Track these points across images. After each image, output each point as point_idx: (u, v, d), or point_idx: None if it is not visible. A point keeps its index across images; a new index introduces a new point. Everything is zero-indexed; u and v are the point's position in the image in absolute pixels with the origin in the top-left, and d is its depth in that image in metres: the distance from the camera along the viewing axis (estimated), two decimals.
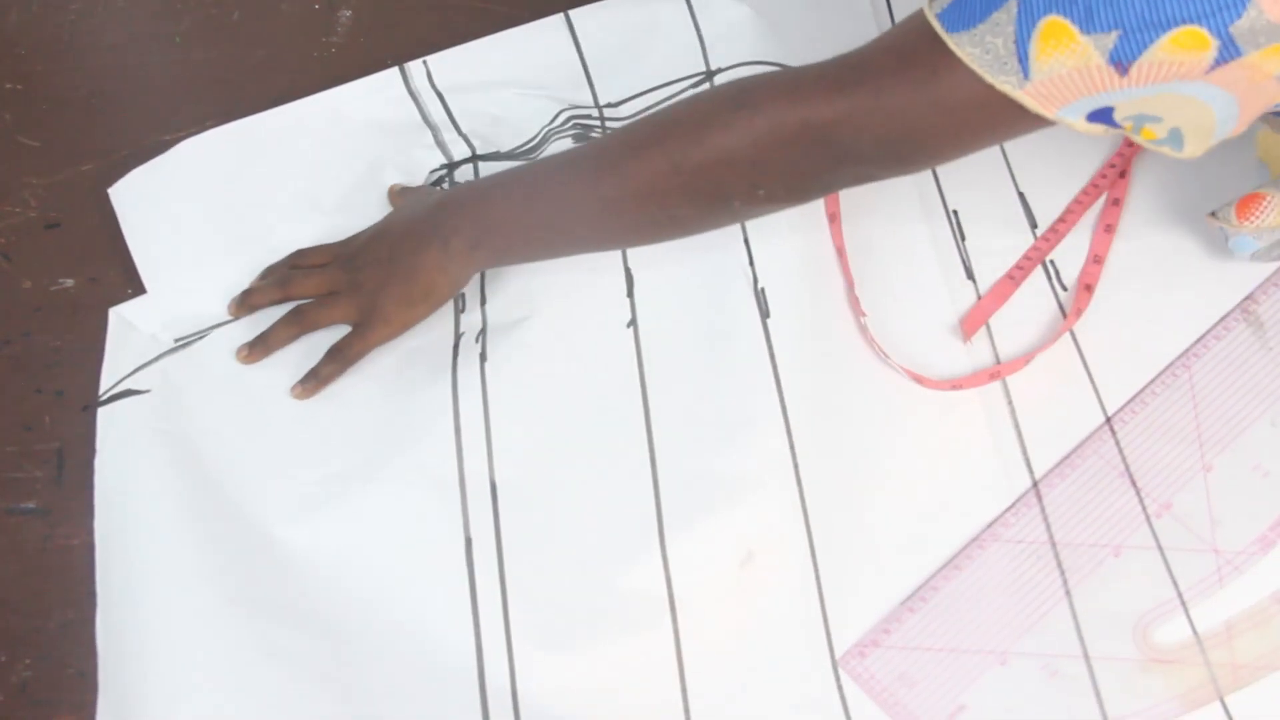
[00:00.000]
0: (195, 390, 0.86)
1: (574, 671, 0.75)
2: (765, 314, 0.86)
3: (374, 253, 0.86)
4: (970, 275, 0.90)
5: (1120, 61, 0.62)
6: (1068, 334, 0.87)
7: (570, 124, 0.99)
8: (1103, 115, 0.66)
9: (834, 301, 0.89)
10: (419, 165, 0.97)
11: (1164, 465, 0.82)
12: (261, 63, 1.06)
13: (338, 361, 0.85)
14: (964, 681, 0.75)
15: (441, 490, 0.81)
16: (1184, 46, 0.60)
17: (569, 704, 0.75)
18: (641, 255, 0.92)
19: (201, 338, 0.89)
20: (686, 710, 0.75)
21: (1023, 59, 0.64)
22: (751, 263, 0.90)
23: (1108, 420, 0.84)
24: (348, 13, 1.09)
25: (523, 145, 0.98)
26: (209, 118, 1.01)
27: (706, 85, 1.00)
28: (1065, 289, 0.89)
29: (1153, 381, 0.85)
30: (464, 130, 0.98)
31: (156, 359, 0.88)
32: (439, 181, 0.96)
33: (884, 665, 0.76)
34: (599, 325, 0.88)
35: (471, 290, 0.91)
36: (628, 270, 0.91)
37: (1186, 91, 0.63)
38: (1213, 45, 0.60)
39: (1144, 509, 0.80)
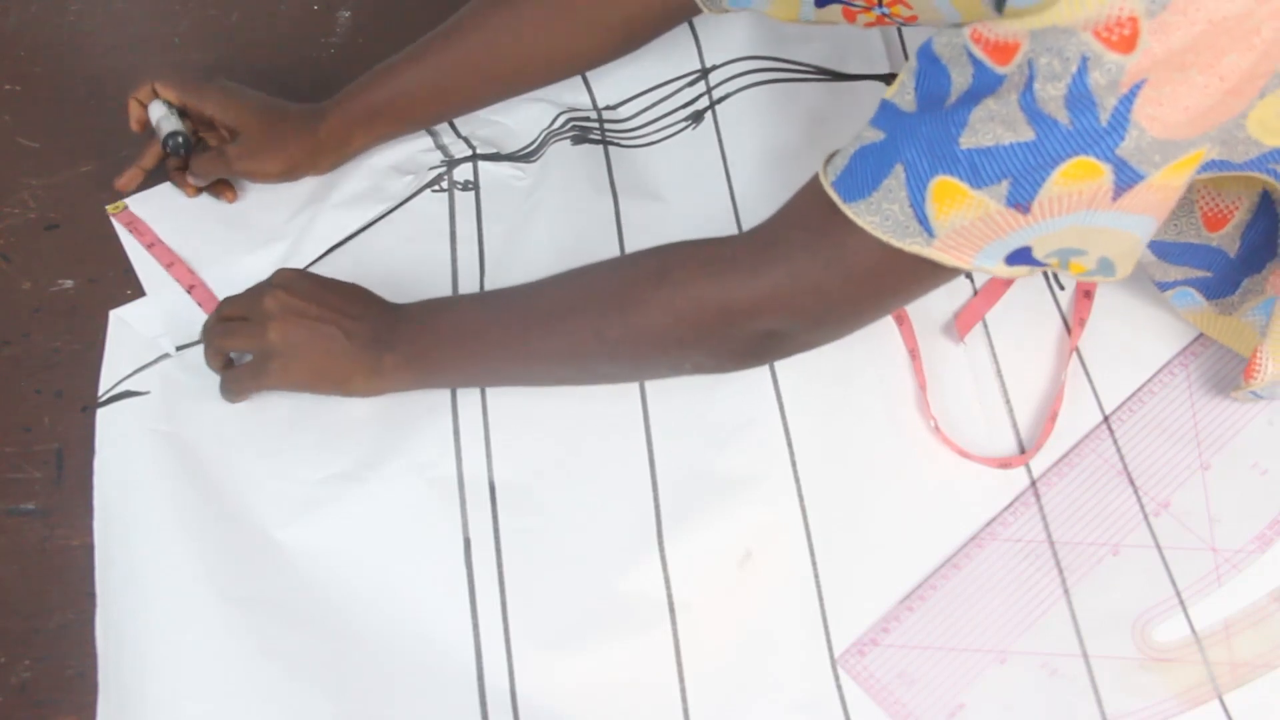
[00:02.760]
0: (195, 392, 0.86)
1: (573, 672, 0.75)
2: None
3: (304, 306, 0.81)
4: (969, 274, 0.90)
5: (1020, 203, 0.61)
6: (1066, 332, 0.87)
7: (569, 126, 0.99)
8: (1022, 256, 0.65)
9: None
10: (419, 165, 0.97)
11: (1162, 464, 0.82)
12: (260, 63, 1.06)
13: (230, 393, 0.84)
14: (963, 680, 0.75)
15: (440, 491, 0.81)
16: (1078, 177, 0.60)
17: (568, 704, 0.75)
18: None
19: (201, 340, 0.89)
20: (686, 710, 0.75)
21: (922, 220, 0.64)
22: None
23: (1106, 419, 0.84)
24: (346, 13, 1.09)
25: (523, 148, 0.98)
26: None
27: (702, 83, 1.00)
28: (1063, 288, 0.89)
29: (1150, 380, 0.85)
30: (463, 134, 0.98)
31: (156, 361, 0.88)
32: (438, 180, 0.96)
33: (883, 664, 0.76)
34: None
35: (470, 290, 0.91)
36: None
37: (1101, 222, 0.63)
38: (1106, 170, 0.59)
39: (1142, 508, 0.80)
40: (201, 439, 0.84)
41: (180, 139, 0.91)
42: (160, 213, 0.95)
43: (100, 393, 0.87)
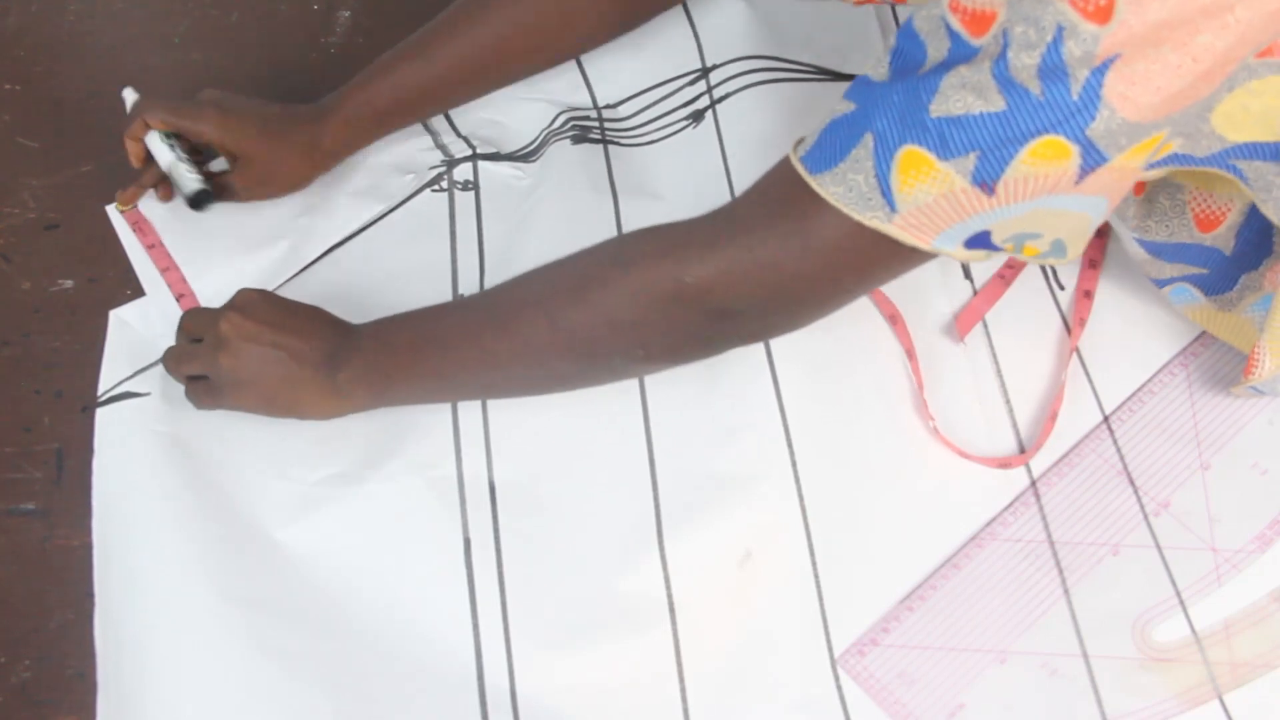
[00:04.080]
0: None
1: (573, 671, 0.76)
2: None
3: (256, 331, 0.80)
4: (968, 274, 0.90)
5: (985, 182, 0.61)
6: (1065, 331, 0.87)
7: (569, 125, 0.99)
8: (980, 240, 0.65)
9: None
10: (419, 165, 0.97)
11: (1162, 464, 0.82)
12: (260, 63, 1.06)
13: (195, 405, 0.84)
14: (963, 680, 0.75)
15: (440, 491, 0.81)
16: (1045, 157, 0.59)
17: (568, 704, 0.75)
18: None
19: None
20: (685, 710, 0.75)
21: (886, 192, 0.63)
22: None
23: (1105, 419, 0.84)
24: (346, 13, 1.09)
25: (523, 148, 0.98)
26: None
27: (703, 82, 1.00)
28: (1063, 288, 0.89)
29: (1151, 380, 0.85)
30: (463, 133, 0.98)
31: (156, 362, 0.88)
32: (438, 180, 0.96)
33: (883, 664, 0.76)
34: None
35: (470, 290, 0.91)
36: None
37: (1059, 205, 0.62)
38: (1074, 152, 0.59)
39: (1142, 508, 0.80)
40: (201, 440, 0.84)
41: (206, 194, 0.90)
42: (168, 211, 0.95)
43: (100, 393, 0.87)
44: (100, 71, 1.06)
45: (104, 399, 0.87)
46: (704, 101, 1.00)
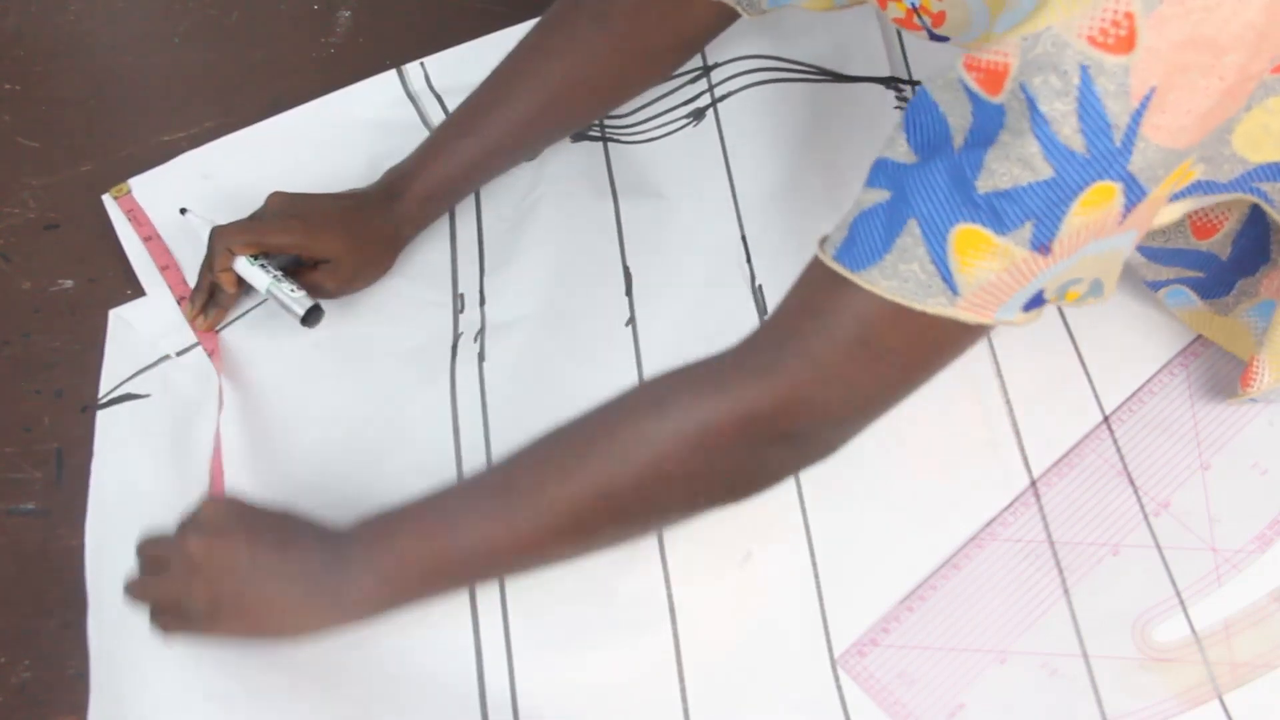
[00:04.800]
0: (195, 395, 0.86)
1: (573, 673, 0.75)
2: (763, 311, 0.86)
3: (227, 580, 0.70)
4: None
5: (1043, 244, 0.59)
6: (1066, 332, 0.87)
7: None
8: (1036, 300, 0.63)
9: None
10: None
11: (1162, 464, 0.82)
12: (260, 63, 1.06)
13: (159, 635, 0.73)
14: (963, 680, 0.75)
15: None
16: (1095, 204, 0.58)
17: (568, 705, 0.75)
18: (640, 254, 0.92)
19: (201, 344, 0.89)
20: (686, 710, 0.75)
21: (946, 277, 0.60)
22: (749, 259, 0.90)
23: (1105, 419, 0.84)
24: (346, 13, 1.09)
25: None
26: (208, 118, 1.01)
27: (704, 80, 1.00)
28: None
29: (1150, 380, 0.85)
30: None
31: (156, 363, 0.88)
32: None
33: (883, 664, 0.76)
34: (597, 324, 0.89)
35: (470, 290, 0.91)
36: (626, 269, 0.91)
37: (1103, 248, 0.61)
38: (1118, 190, 0.58)
39: (1142, 507, 0.80)
40: (200, 442, 0.84)
41: (318, 309, 0.86)
42: (166, 200, 0.94)
43: (100, 394, 0.87)
44: (100, 71, 1.06)
45: (104, 401, 0.87)
46: (705, 100, 1.00)
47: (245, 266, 0.86)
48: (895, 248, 0.60)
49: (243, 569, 0.70)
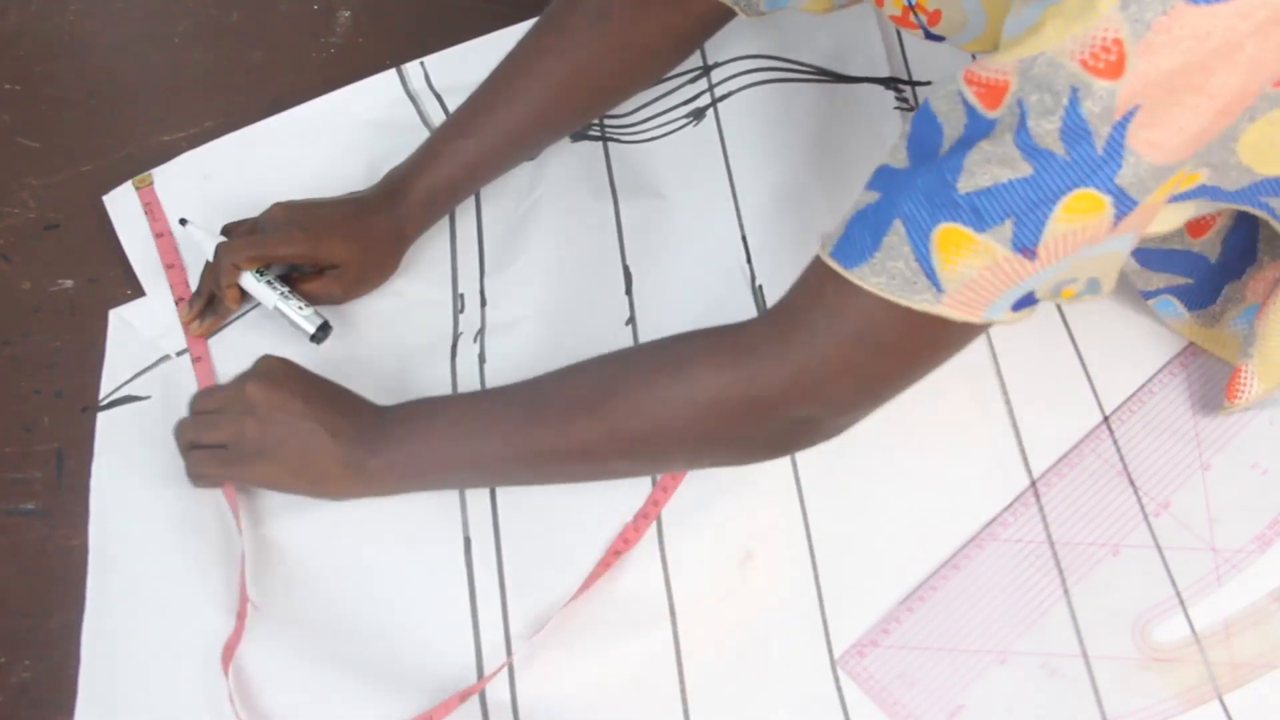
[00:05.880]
0: None
1: (573, 672, 0.75)
2: (763, 310, 0.86)
3: (283, 401, 0.78)
4: None
5: (1026, 248, 0.60)
6: (1066, 332, 0.87)
7: None
8: (1027, 300, 0.64)
9: None
10: None
11: (1162, 464, 0.82)
12: (260, 63, 1.06)
13: (196, 479, 0.80)
14: (963, 681, 0.75)
15: (441, 491, 0.81)
16: (1080, 211, 0.59)
17: (568, 705, 0.75)
18: (640, 253, 0.92)
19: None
20: (686, 710, 0.75)
21: (930, 274, 0.62)
22: (749, 259, 0.90)
23: (1105, 419, 0.84)
24: (346, 13, 1.09)
25: None
26: (208, 118, 1.01)
27: (704, 80, 1.00)
28: None
29: (1150, 380, 0.85)
30: None
31: (157, 363, 0.88)
32: None
33: (883, 665, 0.76)
34: (598, 323, 0.89)
35: (471, 291, 0.91)
36: (626, 268, 0.91)
37: (1096, 251, 0.62)
38: (1107, 202, 0.58)
39: (1142, 508, 0.80)
40: None
41: (327, 327, 0.87)
42: (184, 193, 0.95)
43: (101, 396, 0.87)
44: (100, 71, 1.06)
45: (105, 403, 0.87)
46: (705, 100, 1.00)
47: (252, 283, 0.86)
48: (883, 246, 0.63)
49: (295, 417, 0.77)
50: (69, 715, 0.76)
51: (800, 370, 0.68)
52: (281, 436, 0.77)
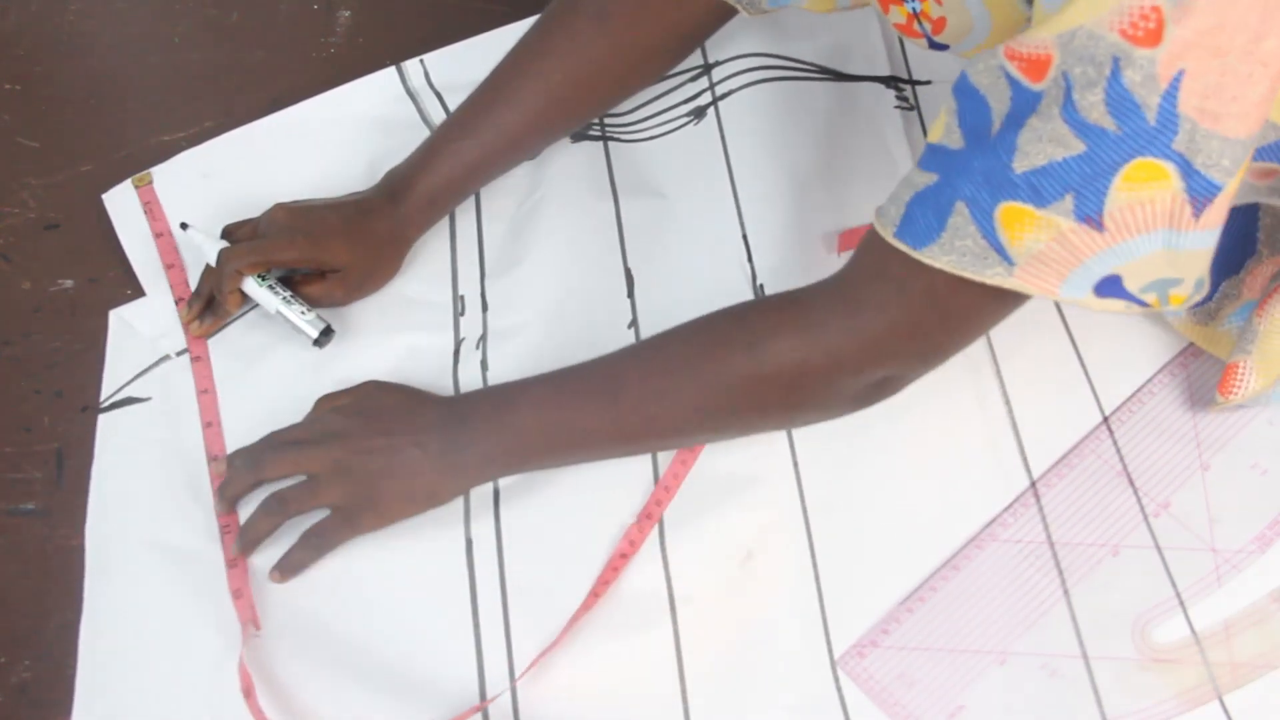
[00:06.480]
0: (195, 396, 0.86)
1: (574, 672, 0.75)
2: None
3: (367, 439, 0.79)
4: None
5: (1090, 216, 0.60)
6: (1066, 333, 0.87)
7: None
8: (1112, 287, 0.63)
9: None
10: None
11: (1162, 464, 0.82)
12: (260, 63, 1.06)
13: (315, 550, 0.79)
14: (963, 681, 0.75)
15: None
16: (1141, 180, 0.58)
17: (569, 704, 0.75)
18: (641, 255, 0.92)
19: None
20: (686, 710, 0.75)
21: (999, 249, 0.63)
22: (750, 259, 0.90)
23: (1105, 419, 0.84)
24: (346, 13, 1.09)
25: None
26: (208, 118, 1.01)
27: (705, 78, 1.00)
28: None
29: (1150, 380, 0.85)
30: None
31: (157, 363, 0.88)
32: None
33: (883, 665, 0.76)
34: (600, 326, 0.88)
35: (471, 292, 0.91)
36: (628, 271, 0.91)
37: (1190, 244, 0.61)
38: (1171, 172, 0.58)
39: (1142, 508, 0.80)
40: (199, 448, 0.84)
41: (330, 331, 0.87)
42: (183, 192, 0.95)
43: (102, 398, 0.87)
44: (100, 71, 1.06)
45: (106, 405, 0.87)
46: (706, 98, 1.00)
47: (254, 288, 0.86)
48: (949, 227, 0.64)
49: (380, 457, 0.78)
50: (69, 715, 0.76)
51: (874, 340, 0.71)
52: (379, 481, 0.78)
